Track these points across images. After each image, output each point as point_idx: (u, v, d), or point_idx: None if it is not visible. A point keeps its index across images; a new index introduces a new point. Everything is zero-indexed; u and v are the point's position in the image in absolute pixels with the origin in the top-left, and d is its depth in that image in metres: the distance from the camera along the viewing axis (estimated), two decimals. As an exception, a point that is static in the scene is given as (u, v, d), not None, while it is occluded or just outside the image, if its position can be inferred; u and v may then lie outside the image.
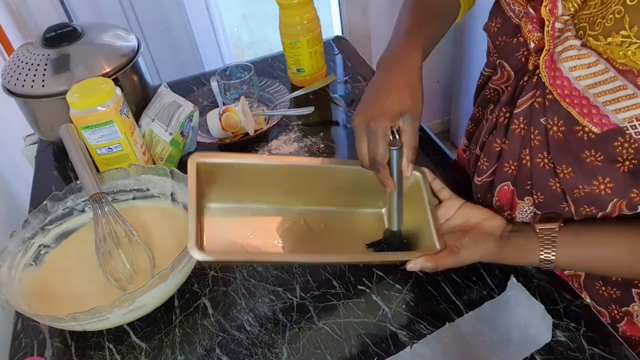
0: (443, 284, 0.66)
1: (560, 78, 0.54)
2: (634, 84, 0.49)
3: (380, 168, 0.61)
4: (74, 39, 0.90)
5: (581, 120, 0.54)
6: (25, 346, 0.67)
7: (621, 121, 0.52)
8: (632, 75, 0.49)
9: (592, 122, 0.54)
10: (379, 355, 0.60)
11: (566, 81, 0.54)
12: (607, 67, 0.50)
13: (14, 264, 0.69)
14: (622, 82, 0.50)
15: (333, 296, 0.67)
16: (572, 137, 0.57)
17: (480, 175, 0.69)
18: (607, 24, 0.49)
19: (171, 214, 0.78)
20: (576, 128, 0.56)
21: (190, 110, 0.89)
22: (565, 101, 0.55)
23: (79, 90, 0.78)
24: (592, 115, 0.53)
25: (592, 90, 0.52)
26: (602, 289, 0.66)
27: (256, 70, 1.06)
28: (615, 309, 0.66)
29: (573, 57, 0.52)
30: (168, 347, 0.64)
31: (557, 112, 0.57)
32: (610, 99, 0.51)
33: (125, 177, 0.79)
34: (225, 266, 0.73)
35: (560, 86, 0.55)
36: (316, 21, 1.01)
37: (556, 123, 0.57)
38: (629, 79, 0.49)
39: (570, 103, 0.55)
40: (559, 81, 0.55)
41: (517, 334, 0.59)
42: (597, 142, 0.55)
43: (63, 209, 0.77)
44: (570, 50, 0.52)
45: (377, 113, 0.59)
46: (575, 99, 0.54)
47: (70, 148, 0.75)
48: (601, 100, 0.52)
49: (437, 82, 2.18)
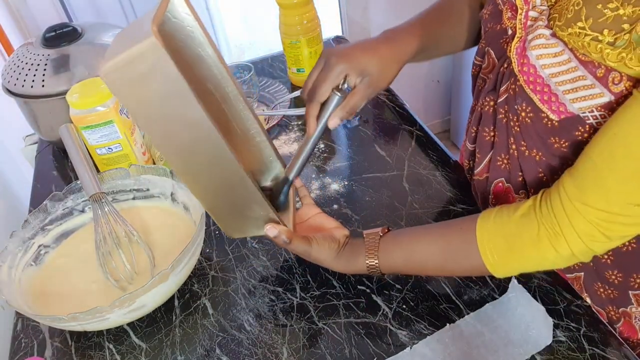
0: (443, 284, 0.66)
1: (527, 65, 0.56)
2: (593, 75, 0.50)
3: (313, 102, 0.61)
4: (74, 39, 0.90)
5: (541, 106, 0.56)
6: (25, 346, 0.67)
7: (578, 110, 0.53)
8: (592, 66, 0.50)
9: (550, 109, 0.55)
10: (379, 355, 0.60)
11: (532, 68, 0.55)
12: (571, 58, 0.52)
13: (14, 264, 0.69)
14: (583, 72, 0.51)
15: (333, 296, 0.67)
16: (538, 123, 0.58)
17: (477, 167, 0.70)
18: (568, 15, 0.51)
19: (171, 214, 0.78)
20: (541, 115, 0.57)
21: (190, 110, 0.89)
22: (529, 87, 0.56)
23: (79, 90, 0.78)
24: (551, 103, 0.55)
25: (555, 79, 0.53)
26: (601, 290, 0.66)
27: (256, 70, 1.06)
28: (612, 310, 0.67)
29: (541, 45, 0.53)
30: (168, 347, 0.64)
31: (525, 99, 0.58)
32: (570, 88, 0.52)
33: (125, 177, 0.79)
34: (225, 266, 0.73)
35: (527, 73, 0.56)
36: (316, 21, 1.01)
37: (524, 109, 0.59)
38: (589, 69, 0.51)
39: (533, 90, 0.56)
40: (526, 68, 0.56)
41: (517, 336, 0.59)
42: (559, 130, 0.56)
43: (63, 209, 0.77)
44: (539, 39, 0.54)
45: (344, 55, 0.60)
46: (538, 86, 0.55)
47: (70, 148, 0.75)
48: (561, 89, 0.53)
49: (437, 81, 2.18)
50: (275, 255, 0.74)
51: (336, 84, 0.60)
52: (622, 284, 0.64)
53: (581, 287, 0.68)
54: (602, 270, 0.64)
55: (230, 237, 0.68)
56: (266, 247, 0.75)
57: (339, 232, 0.65)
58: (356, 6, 1.83)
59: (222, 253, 0.75)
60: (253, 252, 0.75)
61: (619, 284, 0.64)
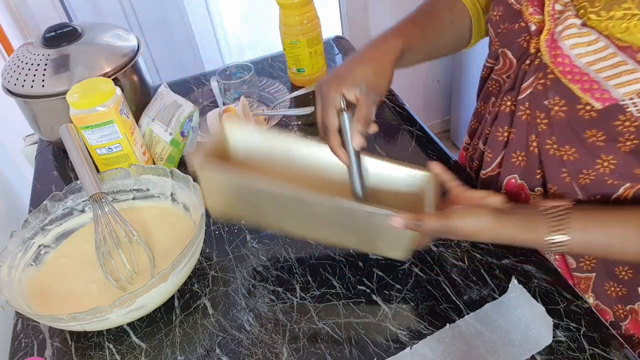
0: (443, 284, 0.66)
1: (561, 56, 0.55)
2: (634, 60, 0.50)
3: (329, 134, 0.60)
4: (74, 39, 0.90)
5: (582, 95, 0.55)
6: (25, 346, 0.67)
7: (622, 96, 0.52)
8: (631, 51, 0.50)
9: (593, 97, 0.54)
10: (379, 355, 0.60)
11: (567, 59, 0.55)
12: (607, 44, 0.51)
13: (14, 264, 0.69)
14: (623, 57, 0.50)
15: (333, 296, 0.67)
16: (573, 116, 0.57)
17: (486, 168, 0.69)
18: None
19: (171, 214, 0.78)
20: (577, 107, 0.56)
21: (190, 110, 0.89)
22: (567, 78, 0.55)
23: (79, 90, 0.78)
24: (593, 91, 0.54)
25: (593, 67, 0.53)
26: (611, 290, 0.66)
27: (256, 70, 1.06)
28: (620, 308, 0.67)
29: (573, 35, 0.53)
30: (168, 347, 0.64)
31: (558, 91, 0.57)
32: (611, 74, 0.52)
33: (125, 177, 0.79)
34: (225, 266, 0.73)
35: (562, 64, 0.55)
36: (316, 21, 1.01)
37: (557, 102, 0.58)
38: (628, 54, 0.50)
39: (571, 80, 0.55)
40: (560, 59, 0.55)
41: (517, 336, 0.59)
42: (598, 121, 0.55)
43: (63, 209, 0.77)
44: (571, 28, 0.53)
45: (332, 79, 0.60)
46: (576, 75, 0.55)
47: (70, 148, 0.75)
48: (602, 75, 0.52)
49: (437, 81, 2.18)
50: (275, 255, 0.74)
51: (338, 107, 0.59)
52: (631, 280, 0.64)
53: (588, 286, 0.68)
54: (612, 267, 0.64)
55: (403, 259, 0.68)
56: (266, 247, 0.75)
57: (492, 200, 0.59)
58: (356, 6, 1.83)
59: (222, 253, 0.75)
60: (253, 252, 0.75)
61: (629, 280, 0.64)
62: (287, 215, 0.63)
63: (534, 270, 0.66)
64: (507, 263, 0.68)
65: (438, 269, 0.68)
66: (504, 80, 0.67)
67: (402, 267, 0.69)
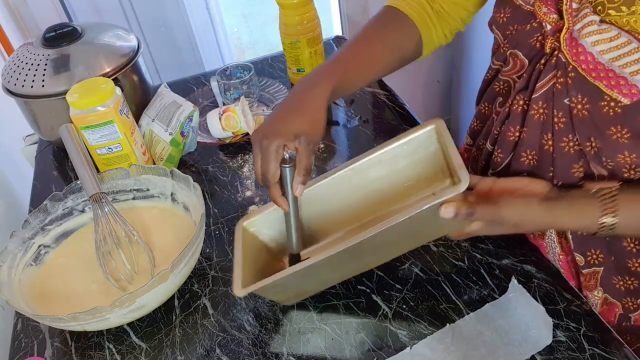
0: (443, 284, 0.66)
1: (584, 54, 0.55)
2: None
3: (270, 185, 0.62)
4: (74, 39, 0.90)
5: (610, 92, 0.54)
6: (25, 346, 0.67)
7: None
8: None
9: (621, 93, 0.54)
10: (379, 355, 0.60)
11: (590, 56, 0.54)
12: (630, 39, 0.51)
13: (14, 264, 0.69)
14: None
15: (333, 296, 0.67)
16: (597, 113, 0.57)
17: (494, 168, 0.69)
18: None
19: (171, 214, 0.78)
20: (601, 104, 0.56)
21: (190, 110, 0.89)
22: (592, 75, 0.55)
23: (79, 90, 0.78)
24: (620, 87, 0.54)
25: (617, 63, 0.52)
26: (620, 283, 0.66)
27: (256, 70, 1.06)
28: (630, 301, 0.67)
29: (594, 32, 0.53)
30: (168, 347, 0.64)
31: (581, 89, 0.57)
32: (637, 69, 0.52)
33: (125, 177, 0.79)
34: (225, 266, 0.73)
35: (585, 61, 0.55)
36: (316, 21, 1.01)
37: (580, 101, 0.57)
38: None
39: (596, 77, 0.55)
40: (583, 57, 0.55)
41: (517, 336, 0.59)
42: (622, 117, 0.55)
43: (63, 209, 0.77)
44: (590, 25, 0.53)
45: (272, 132, 0.61)
46: (601, 72, 0.54)
47: (70, 148, 0.75)
48: (627, 70, 0.52)
49: (437, 82, 2.18)
50: (275, 255, 0.74)
51: (279, 160, 0.61)
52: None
53: (597, 281, 0.68)
54: (624, 260, 0.64)
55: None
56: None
57: (536, 186, 0.59)
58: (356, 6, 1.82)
59: (222, 253, 0.75)
60: (253, 252, 0.74)
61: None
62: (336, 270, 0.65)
63: (534, 270, 0.66)
64: (507, 263, 0.68)
65: (438, 269, 0.68)
66: (514, 81, 0.67)
67: (402, 267, 0.69)
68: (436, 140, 0.64)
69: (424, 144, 0.65)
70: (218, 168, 0.91)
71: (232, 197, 0.84)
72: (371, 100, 1.03)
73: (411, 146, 0.65)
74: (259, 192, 0.85)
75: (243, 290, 0.60)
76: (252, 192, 0.85)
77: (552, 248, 0.70)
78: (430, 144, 0.65)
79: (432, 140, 0.64)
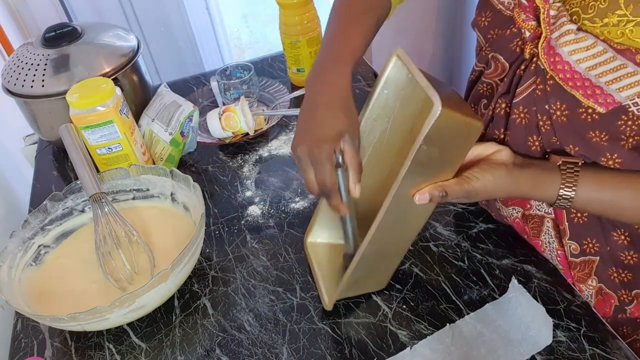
0: (443, 284, 0.66)
1: (561, 63, 0.55)
2: (633, 62, 0.50)
3: (332, 194, 0.59)
4: (74, 39, 0.90)
5: (586, 102, 0.55)
6: (25, 346, 0.67)
7: (625, 99, 0.53)
8: (630, 53, 0.50)
9: (597, 102, 0.54)
10: (379, 355, 0.60)
11: (567, 65, 0.55)
12: (606, 48, 0.51)
13: (14, 264, 0.69)
14: (622, 61, 0.51)
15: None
16: (576, 120, 0.57)
17: None
18: (601, 5, 0.51)
19: (171, 214, 0.78)
20: (579, 110, 0.56)
21: (190, 110, 0.89)
22: (568, 84, 0.56)
23: (79, 90, 0.78)
24: (596, 96, 0.54)
25: (593, 72, 0.53)
26: (615, 275, 0.66)
27: (256, 70, 1.06)
28: (625, 293, 0.67)
29: (571, 41, 0.53)
30: (168, 347, 0.64)
31: (559, 97, 0.57)
32: (612, 79, 0.52)
33: (125, 177, 0.79)
34: (225, 266, 0.73)
35: (562, 71, 0.55)
36: (316, 21, 1.01)
37: (559, 107, 0.58)
38: (627, 57, 0.50)
39: (573, 86, 0.55)
40: (560, 66, 0.55)
41: (517, 336, 0.59)
42: (601, 123, 0.56)
43: (63, 209, 0.77)
44: (568, 35, 0.53)
45: (318, 139, 0.57)
46: (577, 81, 0.55)
47: (70, 148, 0.75)
48: (603, 80, 0.53)
49: (437, 82, 2.18)
50: (275, 255, 0.74)
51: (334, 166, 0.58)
52: (637, 264, 0.64)
53: (591, 270, 0.68)
54: (617, 252, 0.64)
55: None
56: (266, 247, 0.75)
57: (502, 154, 0.60)
58: (356, 6, 1.82)
59: (222, 253, 0.75)
60: (253, 252, 0.75)
61: (634, 265, 0.64)
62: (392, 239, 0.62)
63: (534, 270, 0.66)
64: (507, 263, 0.68)
65: (438, 269, 0.68)
66: (496, 84, 0.67)
67: (402, 267, 0.69)
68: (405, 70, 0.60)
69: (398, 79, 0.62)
70: (218, 168, 0.91)
71: (232, 197, 0.84)
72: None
73: (389, 87, 0.62)
74: (259, 192, 0.85)
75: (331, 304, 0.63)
76: (251, 192, 0.85)
77: (549, 244, 0.70)
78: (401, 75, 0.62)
79: (402, 72, 0.61)
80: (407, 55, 0.58)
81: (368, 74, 1.10)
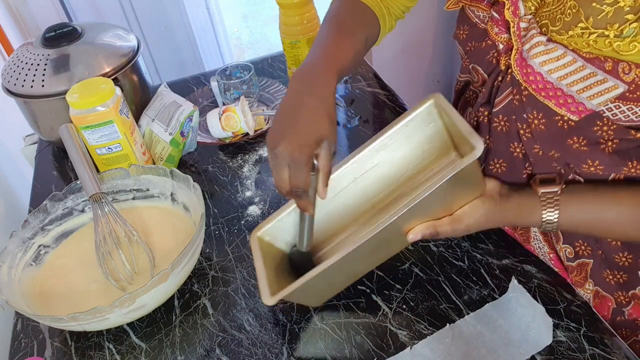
0: (443, 284, 0.66)
1: (533, 74, 0.56)
2: (602, 70, 0.52)
3: (304, 195, 0.58)
4: (74, 39, 0.90)
5: (559, 111, 0.57)
6: (25, 346, 0.67)
7: (596, 106, 0.54)
8: (599, 62, 0.51)
9: (569, 111, 0.56)
10: (379, 355, 0.60)
11: (539, 76, 0.56)
12: (575, 58, 0.53)
13: (14, 264, 0.69)
14: (592, 69, 0.52)
15: (333, 296, 0.67)
16: (553, 127, 0.58)
17: None
18: (566, 18, 0.52)
19: (171, 214, 0.78)
20: (555, 118, 0.58)
21: (190, 110, 0.89)
22: (541, 95, 0.57)
23: (79, 90, 0.78)
24: (568, 105, 0.56)
25: (564, 81, 0.54)
26: (610, 277, 0.66)
27: (256, 70, 1.06)
28: (622, 295, 0.67)
29: (541, 52, 0.55)
30: (168, 347, 0.64)
31: (535, 106, 0.59)
32: (583, 87, 0.53)
33: (125, 177, 0.79)
34: (225, 266, 0.73)
35: (534, 81, 0.57)
36: (316, 21, 1.01)
37: (536, 116, 0.59)
38: (597, 65, 0.52)
39: (546, 96, 0.57)
40: (532, 77, 0.57)
41: (517, 336, 0.59)
42: (577, 129, 0.57)
43: (63, 209, 0.77)
44: (538, 46, 0.55)
45: (301, 143, 0.56)
46: (550, 91, 0.56)
47: (70, 148, 0.75)
48: (574, 89, 0.54)
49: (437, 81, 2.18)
50: (275, 255, 0.73)
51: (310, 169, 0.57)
52: (631, 265, 0.64)
53: (587, 273, 0.68)
54: (611, 254, 0.65)
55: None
56: (266, 247, 0.75)
57: (489, 186, 0.61)
58: (356, 6, 1.83)
59: (222, 253, 0.75)
60: (253, 252, 0.74)
61: (629, 266, 0.65)
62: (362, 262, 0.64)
63: (534, 270, 0.66)
64: (507, 263, 0.68)
65: (438, 269, 0.68)
66: (478, 92, 0.69)
67: (402, 267, 0.69)
68: (437, 115, 0.62)
69: (425, 121, 0.63)
70: (218, 168, 0.91)
71: (232, 197, 0.84)
72: (371, 100, 1.03)
73: (412, 126, 0.64)
74: (259, 192, 0.85)
75: (272, 299, 0.58)
76: (251, 192, 0.85)
77: (540, 249, 0.70)
78: (430, 120, 0.63)
79: (432, 116, 0.63)
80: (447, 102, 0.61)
81: (368, 74, 1.10)
